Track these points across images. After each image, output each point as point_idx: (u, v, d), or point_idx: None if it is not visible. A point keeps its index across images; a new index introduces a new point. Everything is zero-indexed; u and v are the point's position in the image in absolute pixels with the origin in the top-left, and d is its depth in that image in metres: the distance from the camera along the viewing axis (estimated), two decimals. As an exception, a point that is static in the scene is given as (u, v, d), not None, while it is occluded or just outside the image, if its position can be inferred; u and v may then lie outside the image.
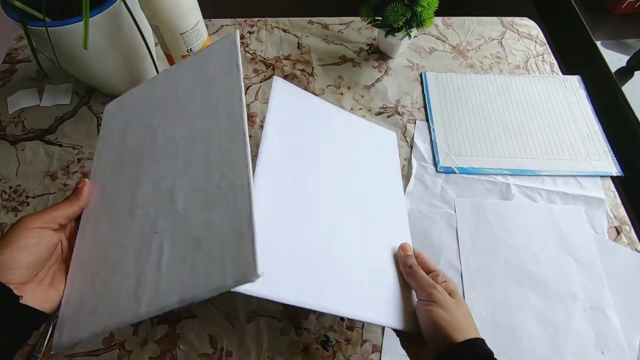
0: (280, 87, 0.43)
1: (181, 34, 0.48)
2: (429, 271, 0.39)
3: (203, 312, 0.44)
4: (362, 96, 0.61)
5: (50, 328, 0.42)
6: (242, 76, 0.34)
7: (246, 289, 0.27)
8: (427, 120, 0.58)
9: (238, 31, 0.37)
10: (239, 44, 0.36)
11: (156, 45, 0.60)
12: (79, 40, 0.42)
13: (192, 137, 0.34)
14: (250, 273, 0.25)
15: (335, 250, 0.37)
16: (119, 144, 0.39)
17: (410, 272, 0.38)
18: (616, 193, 0.52)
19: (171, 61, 0.53)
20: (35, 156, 0.54)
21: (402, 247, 0.41)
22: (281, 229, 0.34)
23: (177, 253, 0.29)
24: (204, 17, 0.57)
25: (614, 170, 0.54)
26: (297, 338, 0.43)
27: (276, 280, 0.30)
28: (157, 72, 0.55)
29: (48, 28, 0.42)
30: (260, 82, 0.62)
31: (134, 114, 0.40)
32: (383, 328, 0.43)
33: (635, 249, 0.48)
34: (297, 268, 0.33)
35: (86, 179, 0.37)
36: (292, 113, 0.43)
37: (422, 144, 0.56)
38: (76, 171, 0.53)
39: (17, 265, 0.29)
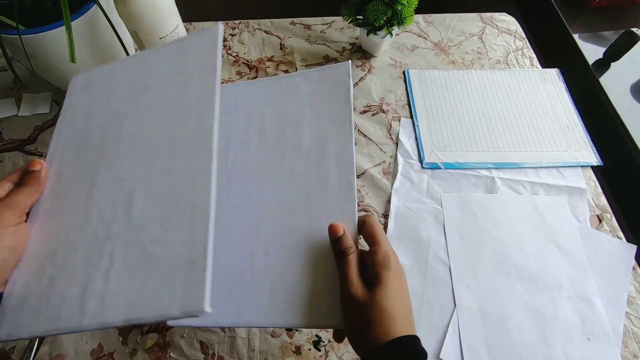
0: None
1: (160, 38, 0.47)
2: (373, 243, 0.33)
3: (193, 319, 0.43)
4: (347, 95, 0.61)
5: (36, 342, 0.41)
6: (218, 81, 0.32)
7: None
8: (412, 117, 0.59)
9: (221, 25, 0.34)
10: (220, 42, 0.34)
11: (136, 50, 0.59)
12: (55, 47, 0.41)
13: (158, 139, 0.32)
14: (198, 308, 0.24)
15: (228, 256, 0.35)
16: (81, 126, 0.36)
17: (339, 261, 0.32)
18: (597, 182, 0.53)
19: (152, 66, 0.52)
20: (15, 167, 0.53)
21: (331, 229, 0.33)
22: None
23: (128, 267, 0.28)
24: (185, 21, 0.57)
25: (594, 160, 0.55)
26: (289, 340, 0.42)
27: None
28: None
29: (22, 36, 0.41)
30: (244, 84, 0.62)
31: (102, 95, 0.37)
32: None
33: (617, 236, 0.49)
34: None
35: (42, 161, 0.34)
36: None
37: (407, 141, 0.57)
38: (58, 181, 0.52)
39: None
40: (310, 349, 0.42)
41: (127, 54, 0.48)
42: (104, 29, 0.47)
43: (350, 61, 0.40)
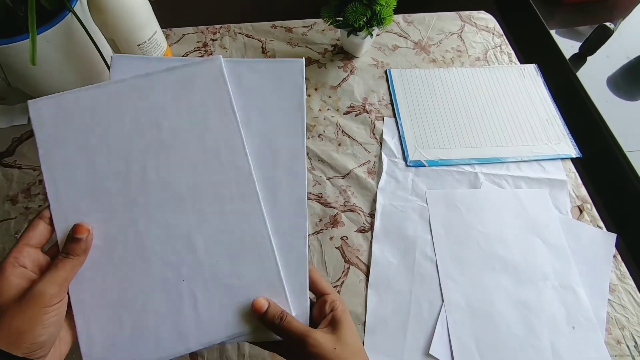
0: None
1: (138, 45, 0.47)
2: (320, 293, 0.34)
3: (181, 327, 0.43)
4: (330, 96, 0.62)
5: None
6: (239, 122, 0.34)
7: None
8: (395, 117, 0.60)
9: (221, 57, 0.34)
10: (226, 77, 0.34)
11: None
12: (29, 57, 0.41)
13: (197, 186, 0.34)
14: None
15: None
16: (84, 171, 0.33)
17: (277, 330, 0.31)
18: (577, 174, 0.55)
19: (131, 73, 0.51)
20: (-7, 181, 0.52)
21: (254, 306, 0.32)
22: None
23: (214, 299, 0.33)
24: (164, 27, 0.56)
25: (574, 152, 0.56)
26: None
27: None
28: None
29: (-6, 47, 0.40)
30: (227, 89, 0.62)
31: (95, 132, 0.33)
32: (363, 326, 0.44)
33: (597, 226, 0.50)
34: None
35: (89, 227, 0.32)
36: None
37: (391, 139, 0.57)
38: (38, 193, 0.51)
39: (41, 346, 0.27)
40: (300, 352, 0.42)
41: (105, 62, 0.48)
42: (80, 38, 0.47)
43: (303, 59, 0.35)
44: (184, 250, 0.33)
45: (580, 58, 0.75)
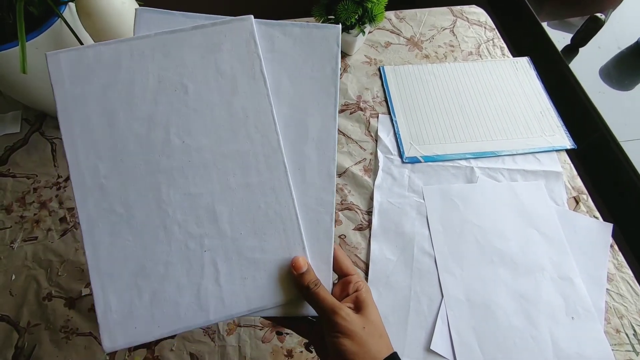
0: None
1: (129, 49, 0.46)
2: (344, 274, 0.33)
3: (181, 331, 0.43)
4: (324, 95, 0.61)
5: None
6: (269, 87, 0.32)
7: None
8: (389, 113, 0.59)
9: (252, 17, 0.32)
10: (258, 39, 0.32)
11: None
12: (19, 65, 0.40)
13: (222, 154, 0.32)
14: None
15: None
16: (106, 130, 0.32)
17: (309, 295, 0.31)
18: (572, 165, 0.55)
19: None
20: (-13, 190, 0.52)
21: (294, 264, 0.31)
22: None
23: (235, 272, 0.32)
24: (154, 30, 0.56)
25: (568, 143, 0.56)
26: (280, 344, 0.42)
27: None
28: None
29: (-17, 55, 0.40)
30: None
31: (116, 90, 0.32)
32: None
33: (594, 216, 0.51)
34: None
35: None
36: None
37: (386, 137, 0.57)
38: (33, 201, 0.51)
39: None
40: (302, 352, 0.42)
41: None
42: (70, 43, 0.46)
43: (340, 25, 0.33)
44: (207, 221, 0.32)
45: (572, 49, 0.75)
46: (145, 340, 0.31)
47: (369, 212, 0.51)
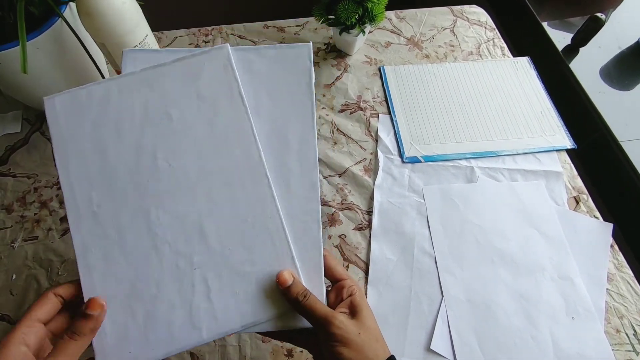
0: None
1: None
2: (336, 279, 0.33)
3: (182, 331, 0.43)
4: (324, 95, 0.61)
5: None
6: (247, 106, 0.34)
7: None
8: (390, 113, 0.59)
9: (229, 45, 0.35)
10: (234, 64, 0.35)
11: (107, 63, 0.58)
12: (19, 65, 0.40)
13: (206, 172, 0.34)
14: None
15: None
16: (97, 160, 0.34)
17: (299, 307, 0.30)
18: (572, 165, 0.55)
19: (123, 78, 0.51)
20: (-13, 190, 0.52)
21: (279, 279, 0.31)
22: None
23: (226, 287, 0.32)
24: (155, 30, 0.56)
25: (568, 143, 0.56)
26: (280, 344, 0.42)
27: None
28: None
29: (-17, 55, 0.40)
30: (220, 90, 0.62)
31: (106, 123, 0.34)
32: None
33: (594, 216, 0.51)
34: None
35: (101, 301, 0.30)
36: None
37: (386, 136, 0.57)
38: (33, 201, 0.51)
39: None
40: (302, 352, 0.42)
41: (97, 67, 0.47)
42: (71, 43, 0.46)
43: (311, 42, 0.35)
44: (195, 238, 0.33)
45: (572, 49, 0.75)
46: None
47: (369, 212, 0.51)
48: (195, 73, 0.35)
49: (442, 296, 0.45)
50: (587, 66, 0.72)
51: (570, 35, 0.76)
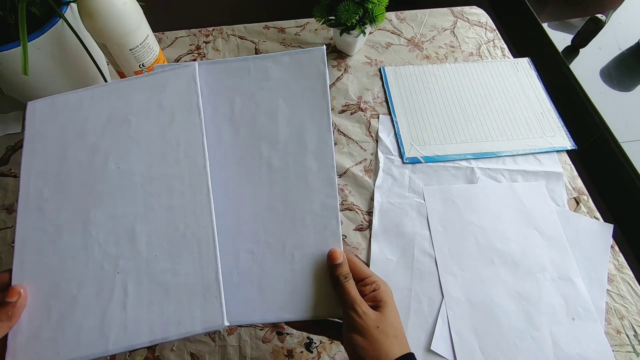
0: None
1: (130, 50, 0.47)
2: (360, 277, 0.33)
3: (182, 331, 0.43)
4: (324, 96, 0.61)
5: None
6: (203, 120, 0.35)
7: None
8: (390, 114, 0.60)
9: (197, 64, 0.36)
10: (198, 81, 0.36)
11: (108, 64, 0.58)
12: (21, 65, 0.40)
13: (151, 177, 0.34)
14: (218, 324, 0.30)
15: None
16: (56, 159, 0.36)
17: (338, 287, 0.32)
18: (572, 166, 0.55)
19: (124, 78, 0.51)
20: (-12, 190, 0.52)
21: (331, 254, 0.33)
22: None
23: (144, 296, 0.32)
24: (156, 31, 0.56)
25: (569, 144, 0.56)
26: (280, 344, 0.42)
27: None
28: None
29: (-15, 55, 0.40)
30: (221, 91, 0.62)
31: (73, 126, 0.36)
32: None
33: (594, 217, 0.51)
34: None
35: (22, 290, 0.31)
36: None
37: (386, 137, 0.57)
38: (34, 201, 0.51)
39: None
40: (302, 352, 0.42)
41: (98, 67, 0.48)
42: (72, 44, 0.47)
43: (324, 46, 0.37)
44: (125, 241, 0.33)
45: (572, 50, 0.75)
46: None
47: (370, 213, 0.51)
48: (160, 86, 0.37)
49: (443, 297, 0.45)
50: (588, 67, 0.72)
51: (571, 36, 0.76)
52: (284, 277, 0.33)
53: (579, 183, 0.53)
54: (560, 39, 0.76)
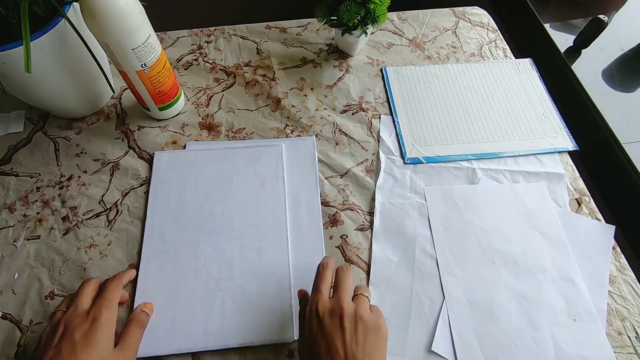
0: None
1: (132, 49, 0.46)
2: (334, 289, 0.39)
3: (183, 330, 0.43)
4: (326, 96, 0.62)
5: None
6: (286, 188, 0.50)
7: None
8: (391, 114, 0.60)
9: (284, 146, 0.53)
10: (284, 157, 0.53)
11: (110, 63, 0.58)
12: (23, 65, 0.40)
13: (246, 225, 0.48)
14: (290, 337, 0.42)
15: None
16: (176, 201, 0.49)
17: (317, 272, 0.39)
18: (574, 167, 0.55)
19: (126, 78, 0.51)
20: (-10, 189, 0.52)
21: (323, 260, 0.41)
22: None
23: (237, 309, 0.43)
24: (158, 30, 0.56)
25: (570, 145, 0.56)
26: (281, 345, 0.42)
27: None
28: (113, 91, 0.54)
29: (-13, 55, 0.40)
30: (222, 91, 0.62)
31: (190, 177, 0.51)
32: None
33: (596, 218, 0.50)
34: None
35: (152, 306, 0.42)
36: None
37: (388, 137, 0.57)
38: (36, 200, 0.51)
39: None
40: (303, 352, 0.42)
41: (100, 67, 0.48)
42: (74, 43, 0.47)
43: (314, 136, 0.54)
44: (225, 268, 0.45)
45: (574, 51, 0.75)
46: (155, 353, 0.40)
47: (371, 213, 0.51)
48: (256, 157, 0.53)
49: (444, 297, 0.45)
50: (589, 68, 0.72)
51: (573, 37, 0.76)
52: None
53: (581, 184, 0.53)
54: (562, 40, 0.76)
